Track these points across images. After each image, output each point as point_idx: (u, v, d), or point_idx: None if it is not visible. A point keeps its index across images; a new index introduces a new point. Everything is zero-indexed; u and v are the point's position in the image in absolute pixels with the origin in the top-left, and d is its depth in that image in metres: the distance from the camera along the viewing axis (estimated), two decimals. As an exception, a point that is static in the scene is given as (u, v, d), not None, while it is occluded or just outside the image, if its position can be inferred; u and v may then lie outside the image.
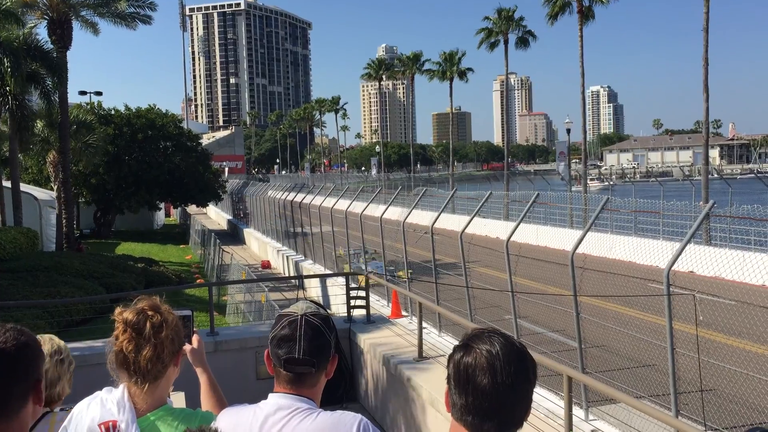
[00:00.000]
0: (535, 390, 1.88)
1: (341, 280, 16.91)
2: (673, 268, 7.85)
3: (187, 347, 2.68)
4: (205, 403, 2.75)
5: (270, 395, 2.26)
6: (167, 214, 63.92)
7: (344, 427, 2.16)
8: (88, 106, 41.19)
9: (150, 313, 2.43)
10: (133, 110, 44.15)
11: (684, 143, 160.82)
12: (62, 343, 2.99)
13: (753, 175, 43.66)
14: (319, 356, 2.23)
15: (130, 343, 2.39)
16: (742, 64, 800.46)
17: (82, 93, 46.59)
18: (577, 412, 8.87)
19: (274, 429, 2.17)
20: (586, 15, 40.46)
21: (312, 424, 2.16)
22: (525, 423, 1.85)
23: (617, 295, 12.19)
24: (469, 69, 70.39)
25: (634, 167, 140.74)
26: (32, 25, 29.25)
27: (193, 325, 2.79)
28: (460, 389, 1.80)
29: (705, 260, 16.07)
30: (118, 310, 2.45)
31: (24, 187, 30.27)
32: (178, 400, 4.66)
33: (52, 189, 31.54)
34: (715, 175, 40.59)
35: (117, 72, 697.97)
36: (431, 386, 10.01)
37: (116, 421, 2.37)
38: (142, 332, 2.39)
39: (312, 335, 2.22)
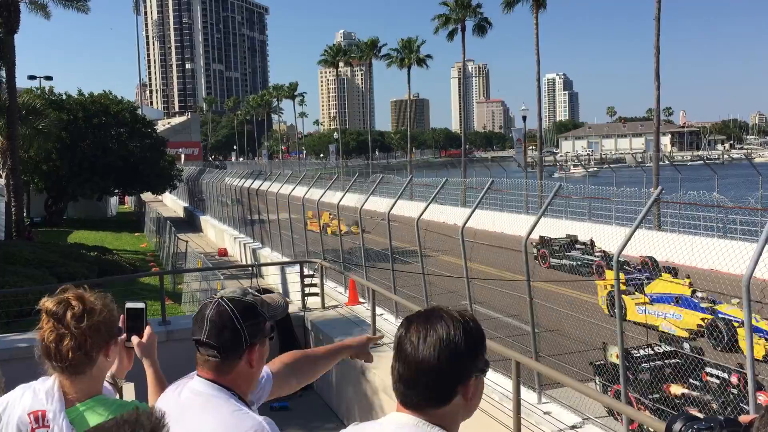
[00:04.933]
0: (487, 376, 1.88)
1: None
2: (626, 253, 8.04)
3: (134, 340, 2.63)
4: (153, 398, 2.69)
5: (195, 378, 2.19)
6: (121, 202, 62.78)
7: None
8: (39, 91, 40.14)
9: (73, 303, 2.35)
10: (87, 96, 43.22)
11: (637, 130, 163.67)
12: None
13: (702, 161, 44.80)
14: (224, 342, 2.13)
15: (51, 333, 2.33)
16: (693, 52, 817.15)
17: (32, 78, 45.23)
18: (531, 396, 9.05)
19: (183, 414, 2.08)
20: (540, 3, 40.88)
21: (213, 419, 2.06)
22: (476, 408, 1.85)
23: (570, 279, 12.42)
24: (428, 56, 70.47)
25: (588, 154, 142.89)
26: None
27: (146, 318, 2.73)
28: (394, 359, 1.81)
29: (656, 245, 16.46)
30: (43, 299, 2.39)
31: (-29, 174, 29.46)
32: (127, 390, 4.60)
33: (0, 176, 30.70)
34: (666, 162, 41.49)
35: (69, 57, 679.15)
36: (383, 372, 10.05)
37: (45, 411, 2.32)
38: (62, 322, 2.32)
39: (218, 320, 2.13)
